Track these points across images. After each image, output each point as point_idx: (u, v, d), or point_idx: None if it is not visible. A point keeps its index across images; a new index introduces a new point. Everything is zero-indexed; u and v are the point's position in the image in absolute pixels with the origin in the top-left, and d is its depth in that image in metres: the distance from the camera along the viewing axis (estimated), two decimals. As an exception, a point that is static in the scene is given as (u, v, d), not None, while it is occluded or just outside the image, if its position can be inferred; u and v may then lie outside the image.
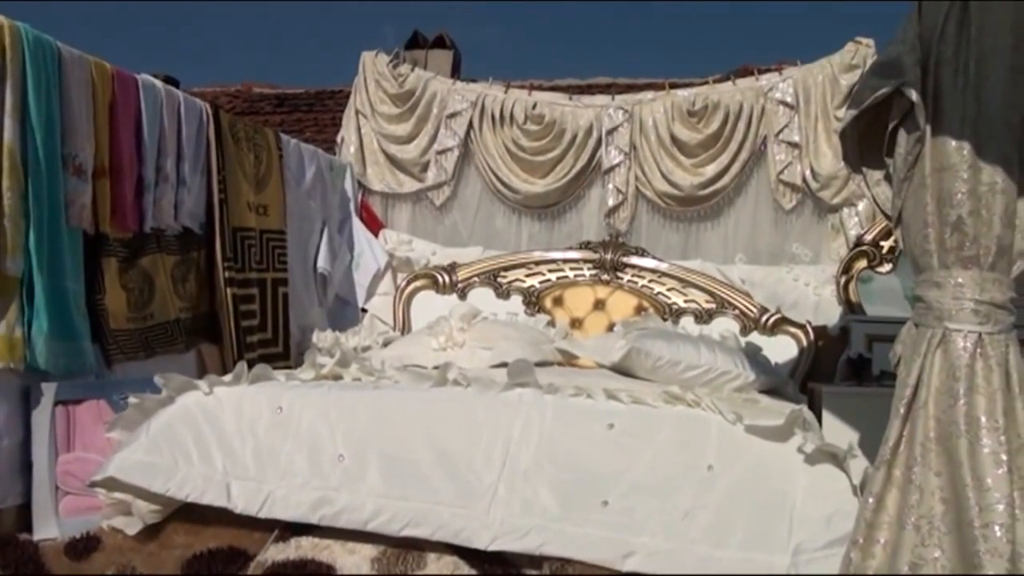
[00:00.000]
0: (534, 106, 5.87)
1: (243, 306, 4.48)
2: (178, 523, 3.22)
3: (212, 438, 3.23)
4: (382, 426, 3.16)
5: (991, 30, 2.38)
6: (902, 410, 2.42)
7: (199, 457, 3.20)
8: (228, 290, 4.38)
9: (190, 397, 3.35)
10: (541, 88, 6.69)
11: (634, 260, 5.37)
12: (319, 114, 9.82)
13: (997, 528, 2.19)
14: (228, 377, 3.48)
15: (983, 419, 2.30)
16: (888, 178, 2.64)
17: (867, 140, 2.68)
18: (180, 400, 3.35)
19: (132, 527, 3.18)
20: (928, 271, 2.47)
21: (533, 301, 5.30)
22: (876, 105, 2.56)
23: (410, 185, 6.03)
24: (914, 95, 2.42)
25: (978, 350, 2.36)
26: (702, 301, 5.20)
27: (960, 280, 2.40)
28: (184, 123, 4.17)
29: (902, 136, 2.51)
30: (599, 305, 5.25)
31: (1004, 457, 2.25)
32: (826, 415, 3.81)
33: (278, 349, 4.76)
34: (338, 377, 3.61)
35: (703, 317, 5.13)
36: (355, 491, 3.04)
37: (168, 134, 4.05)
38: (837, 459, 2.84)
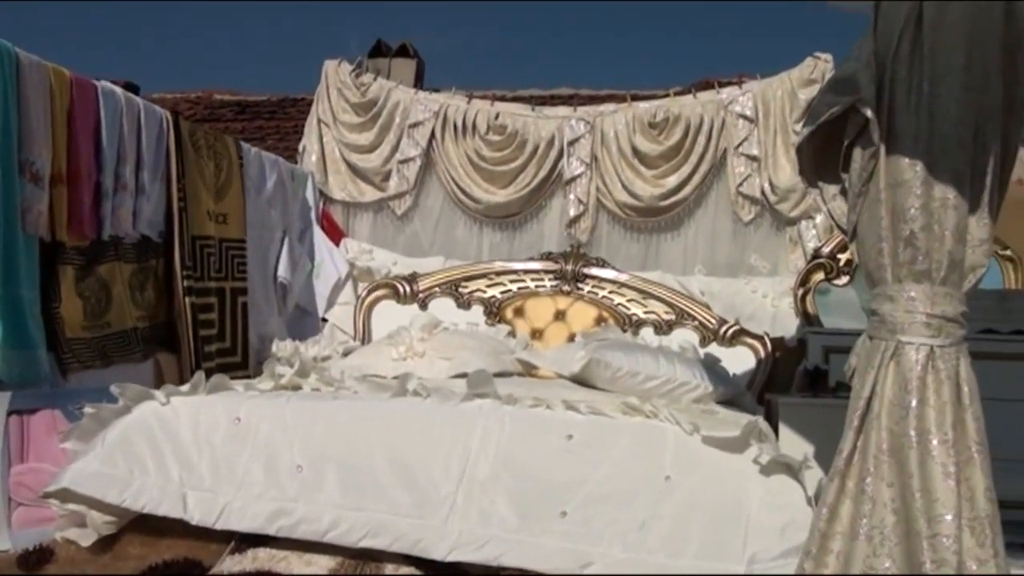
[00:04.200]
0: (496, 116, 5.89)
1: (202, 315, 4.46)
2: (133, 535, 3.20)
3: (168, 448, 3.21)
4: (340, 437, 3.15)
5: (943, 49, 2.42)
6: (856, 422, 2.45)
7: (155, 468, 3.18)
8: (187, 299, 4.36)
9: (147, 407, 3.33)
10: (504, 98, 6.71)
11: (595, 271, 5.39)
12: (281, 122, 9.77)
13: (945, 539, 2.23)
14: (185, 387, 3.46)
15: (933, 431, 2.34)
16: (844, 193, 2.67)
17: (823, 155, 2.72)
18: (136, 410, 3.33)
19: (86, 539, 3.15)
20: (882, 285, 2.50)
21: (494, 311, 5.30)
22: (832, 121, 2.59)
23: (371, 194, 6.02)
24: (869, 112, 2.46)
25: (930, 363, 2.40)
26: (662, 312, 5.23)
27: (913, 294, 2.44)
28: (144, 130, 4.15)
29: (857, 152, 2.55)
30: (560, 316, 5.27)
31: (952, 469, 2.29)
32: (783, 426, 3.84)
33: (237, 359, 4.74)
34: (297, 387, 3.60)
35: (663, 328, 5.16)
36: (313, 502, 3.03)
37: (127, 141, 4.02)
38: (792, 470, 2.88)
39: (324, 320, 5.60)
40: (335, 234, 5.91)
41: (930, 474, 2.31)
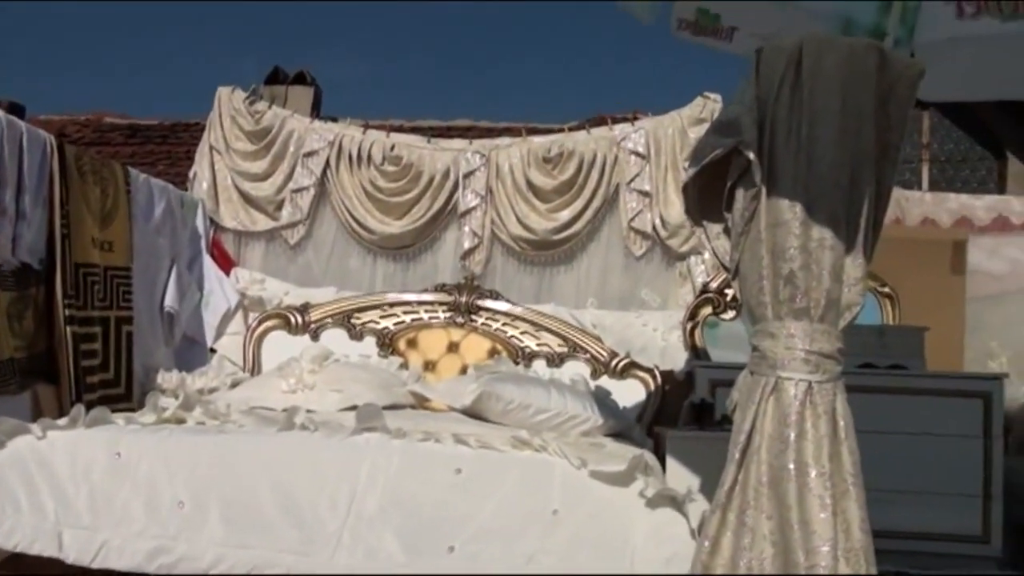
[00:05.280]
0: (392, 147, 5.89)
1: (84, 345, 4.33)
2: (5, 574, 3.08)
3: (44, 484, 3.11)
4: (224, 472, 3.09)
5: (821, 95, 2.52)
6: (737, 455, 2.51)
7: (29, 505, 3.07)
8: (68, 328, 4.23)
9: (21, 441, 3.21)
10: (402, 129, 6.71)
11: (488, 303, 5.40)
12: (173, 147, 9.59)
13: (821, 570, 2.29)
14: (63, 420, 3.36)
15: (811, 464, 2.40)
16: (727, 231, 2.74)
17: (707, 194, 2.78)
18: (11, 445, 3.21)
19: (-47, 579, 3.02)
20: (763, 322, 2.57)
21: (387, 343, 5.27)
22: (716, 162, 2.66)
23: (264, 223, 5.94)
24: (751, 154, 2.53)
25: (808, 398, 2.47)
26: (554, 345, 5.27)
27: (792, 331, 2.51)
28: (26, 154, 4.03)
29: (740, 192, 2.62)
30: (453, 348, 5.26)
31: (829, 501, 2.36)
32: (670, 459, 3.90)
33: (120, 390, 4.61)
34: (181, 421, 3.52)
35: (555, 361, 5.20)
36: (195, 539, 2.97)
37: (8, 165, 3.90)
38: (677, 503, 2.92)
39: (213, 351, 5.48)
40: (225, 263, 5.81)
41: (808, 506, 2.37)
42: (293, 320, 5.34)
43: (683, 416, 4.44)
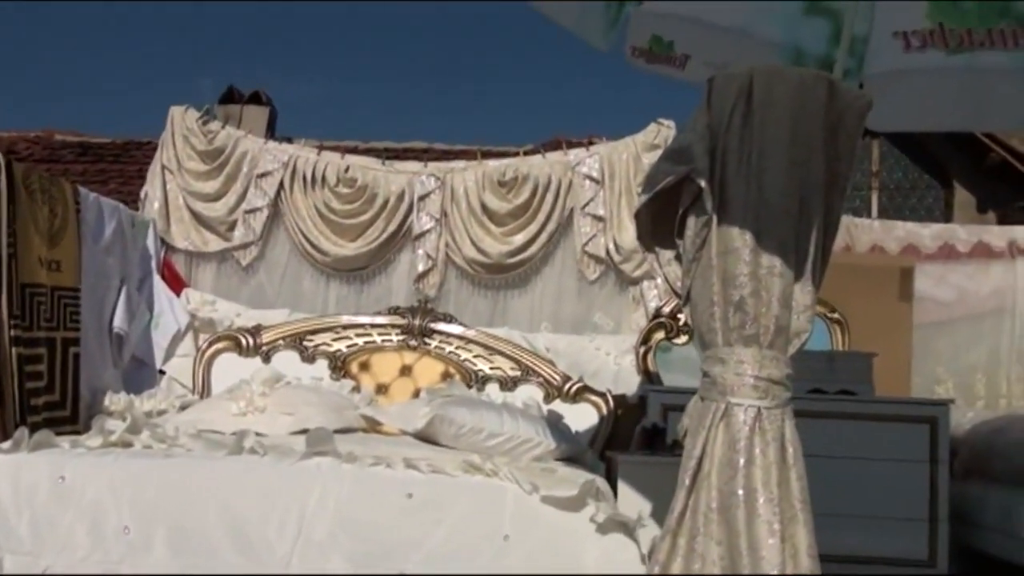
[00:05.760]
0: (346, 169, 5.87)
1: (29, 367, 4.25)
2: (-58, 601, 3.01)
3: (-15, 510, 3.04)
4: (171, 496, 3.05)
5: (771, 124, 2.56)
6: (687, 481, 2.52)
7: (-32, 530, 3.00)
8: (13, 349, 4.15)
9: (-39, 466, 3.15)
10: (357, 150, 6.69)
11: (442, 326, 5.39)
12: (125, 165, 9.49)
13: (770, 596, 2.30)
14: (6, 444, 3.29)
15: (760, 490, 2.42)
16: (678, 258, 2.77)
17: (659, 221, 2.81)
18: (-50, 469, 3.14)
19: None
20: (713, 348, 2.59)
21: (339, 366, 5.24)
22: (668, 189, 2.69)
23: (216, 244, 5.89)
24: (702, 182, 2.56)
25: (757, 424, 2.49)
26: (507, 368, 5.27)
27: (742, 357, 2.54)
28: (-28, 172, 3.96)
29: (691, 219, 2.65)
30: (406, 371, 5.24)
31: (777, 527, 2.37)
32: (621, 484, 3.92)
33: (66, 413, 4.53)
34: (128, 444, 3.46)
35: (508, 384, 5.19)
36: (140, 565, 2.93)
37: (-48, 184, 3.84)
38: (627, 528, 2.93)
39: (162, 373, 5.41)
40: (176, 284, 5.74)
41: (756, 532, 2.39)
42: (244, 342, 5.29)
43: (635, 441, 4.46)
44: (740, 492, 2.42)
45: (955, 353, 6.36)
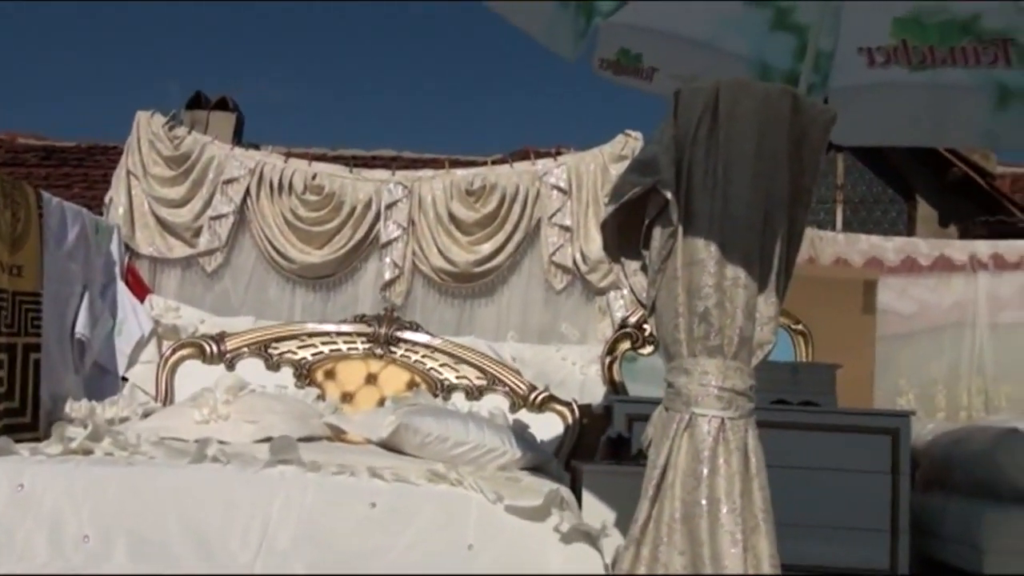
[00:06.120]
0: (314, 177, 5.85)
1: (-12, 373, 4.20)
2: None
3: (-58, 518, 3.00)
4: (132, 505, 3.01)
5: (736, 137, 2.58)
6: (651, 491, 2.53)
7: (-76, 539, 2.95)
8: (-28, 355, 4.10)
9: (-82, 472, 3.10)
10: (325, 158, 6.68)
11: (408, 335, 5.38)
12: (90, 170, 9.42)
13: (732, 606, 2.31)
14: (-36, 451, 3.25)
15: (723, 500, 2.44)
16: (644, 269, 2.78)
17: (625, 232, 2.83)
18: (-94, 475, 3.09)
19: None
20: (678, 359, 2.61)
21: (304, 374, 5.21)
22: (634, 200, 2.71)
23: (181, 250, 5.85)
24: (668, 194, 2.58)
25: (721, 434, 2.51)
26: (473, 377, 5.26)
27: (706, 368, 2.55)
28: (-69, 175, 3.92)
29: (657, 230, 2.67)
30: (371, 379, 5.22)
31: (740, 537, 2.39)
32: (586, 493, 3.92)
33: (25, 419, 4.47)
34: (88, 452, 3.42)
35: (474, 393, 5.19)
36: (99, 574, 2.88)
37: (-88, 186, 3.79)
38: (591, 538, 2.93)
39: (124, 379, 5.36)
40: (140, 290, 5.69)
41: (719, 542, 2.40)
42: (208, 349, 5.25)
43: (600, 450, 4.47)
44: (703, 502, 2.44)
45: (916, 365, 6.43)
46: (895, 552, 4.69)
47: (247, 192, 5.84)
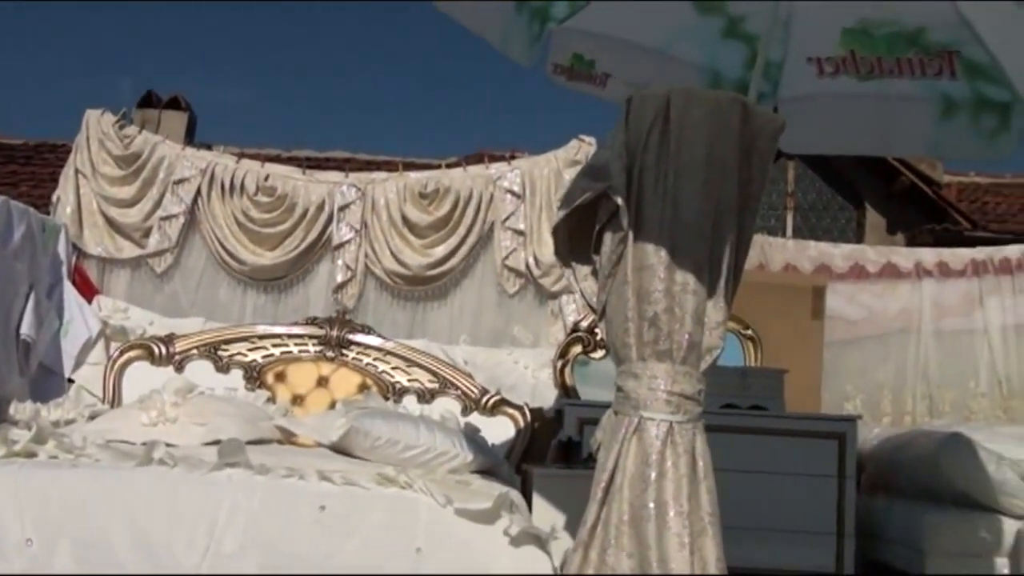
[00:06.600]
0: (266, 178, 5.82)
1: (-71, 373, 4.13)
2: None
3: None
4: (77, 508, 2.97)
5: (687, 146, 2.60)
6: (600, 494, 2.54)
7: None
8: (-87, 355, 4.02)
9: None
10: (278, 159, 6.65)
11: (360, 337, 5.35)
12: (37, 168, 9.28)
13: (678, 608, 2.33)
14: (-95, 453, 3.18)
15: (671, 503, 2.46)
16: (595, 273, 2.80)
17: (577, 237, 2.84)
18: None
19: None
20: (627, 363, 2.63)
21: (254, 376, 5.17)
22: (586, 205, 2.72)
23: (130, 250, 5.78)
24: (619, 199, 2.59)
25: (669, 438, 2.53)
26: (425, 381, 5.26)
27: (655, 372, 2.57)
28: None
29: (608, 236, 2.68)
30: (322, 382, 5.19)
31: (687, 539, 2.41)
32: (536, 496, 3.94)
33: (-32, 421, 4.40)
34: (32, 454, 3.36)
35: (425, 397, 5.18)
36: (42, 577, 2.85)
37: None
38: (540, 541, 2.95)
39: (71, 381, 5.29)
40: (88, 291, 5.62)
41: (666, 545, 2.42)
42: (157, 351, 5.19)
43: (551, 454, 4.49)
44: (651, 505, 2.46)
45: (863, 370, 6.53)
46: (841, 554, 4.76)
47: (198, 192, 5.79)
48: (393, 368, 5.29)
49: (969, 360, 6.52)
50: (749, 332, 5.76)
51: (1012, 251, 6.73)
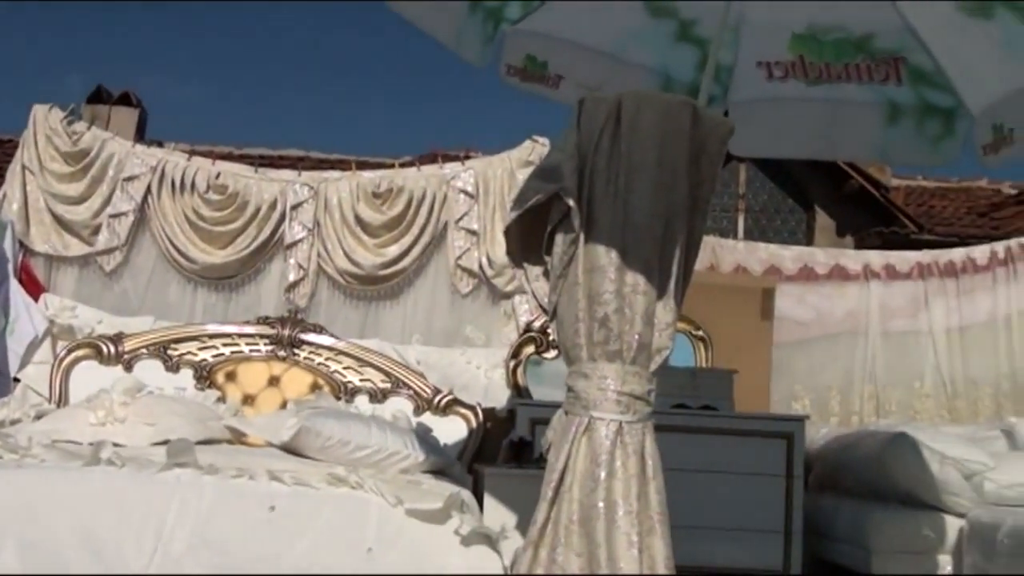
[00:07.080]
0: (217, 176, 5.76)
1: None
2: None
3: None
4: (22, 509, 2.94)
5: (638, 148, 2.63)
6: (550, 493, 2.56)
7: None
8: None
9: None
10: (231, 157, 6.59)
11: (312, 337, 5.33)
12: (-17, 164, 9.10)
13: (626, 606, 2.35)
14: None
15: (620, 502, 2.48)
16: (546, 274, 2.81)
17: (529, 237, 2.85)
18: None
19: None
20: (578, 363, 2.65)
21: (204, 376, 5.13)
22: (538, 206, 2.74)
23: (78, 248, 5.70)
24: (571, 201, 2.61)
25: (618, 438, 2.55)
26: (377, 380, 5.25)
27: (605, 372, 2.59)
28: None
29: (559, 237, 2.70)
30: (273, 382, 5.16)
31: (635, 538, 2.43)
32: (488, 496, 3.95)
33: (-90, 421, 4.32)
34: (-24, 455, 3.33)
35: (377, 396, 5.17)
36: (-15, 579, 2.81)
37: None
38: (491, 540, 2.97)
39: (16, 380, 5.20)
40: (34, 288, 5.53)
41: (616, 544, 2.44)
42: (105, 350, 5.13)
43: (502, 454, 4.50)
44: (600, 505, 2.47)
45: (811, 371, 6.62)
46: (788, 553, 4.82)
47: (148, 190, 5.72)
48: (345, 368, 5.27)
49: (915, 361, 6.63)
50: (699, 333, 5.81)
51: (956, 254, 6.86)
